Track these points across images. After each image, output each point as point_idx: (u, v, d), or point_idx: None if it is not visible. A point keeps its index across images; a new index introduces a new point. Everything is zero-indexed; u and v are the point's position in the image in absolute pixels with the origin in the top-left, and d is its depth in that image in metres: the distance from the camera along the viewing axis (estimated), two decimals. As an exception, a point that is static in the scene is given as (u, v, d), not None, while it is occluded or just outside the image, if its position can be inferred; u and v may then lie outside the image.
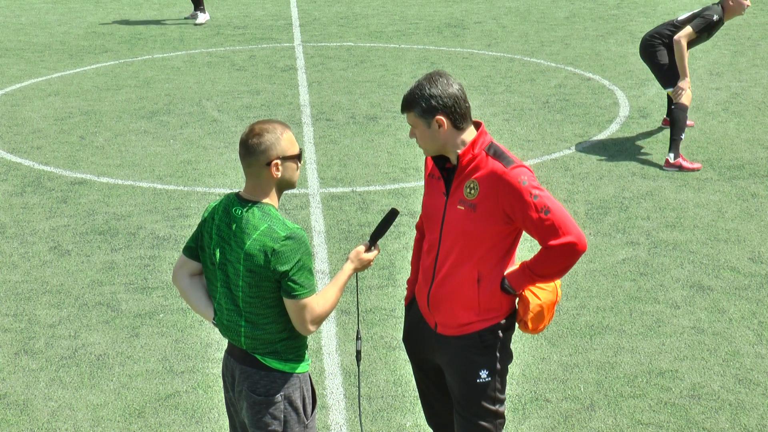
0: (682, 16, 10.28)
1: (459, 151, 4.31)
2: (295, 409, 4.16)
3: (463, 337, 4.43)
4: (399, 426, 5.81)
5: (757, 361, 6.47)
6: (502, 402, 4.51)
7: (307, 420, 4.20)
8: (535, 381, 6.26)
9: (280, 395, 4.12)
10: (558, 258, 4.26)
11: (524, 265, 4.37)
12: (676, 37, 9.97)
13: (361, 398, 6.08)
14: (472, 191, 4.28)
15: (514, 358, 6.49)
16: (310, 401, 4.23)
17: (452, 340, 4.47)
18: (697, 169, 9.69)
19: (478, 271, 4.35)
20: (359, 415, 4.68)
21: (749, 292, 7.38)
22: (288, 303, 4.03)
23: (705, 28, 10.01)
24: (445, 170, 4.41)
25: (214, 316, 4.23)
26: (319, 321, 4.07)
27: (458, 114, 4.27)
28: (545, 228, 4.21)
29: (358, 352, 4.52)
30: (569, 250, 4.23)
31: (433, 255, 4.45)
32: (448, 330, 4.48)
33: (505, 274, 4.40)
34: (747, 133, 10.88)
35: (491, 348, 4.45)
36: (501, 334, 4.47)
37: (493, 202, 4.25)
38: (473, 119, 4.38)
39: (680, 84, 9.99)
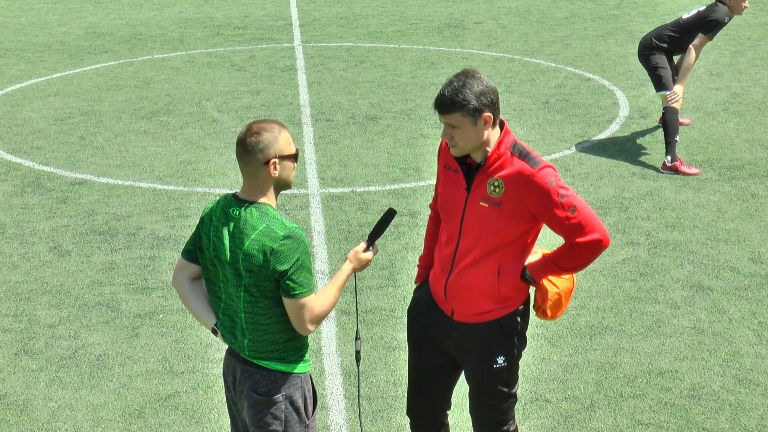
0: (686, 16, 10.23)
1: (488, 149, 4.32)
2: (296, 409, 4.16)
3: (482, 324, 4.50)
4: (399, 426, 5.81)
5: (757, 361, 6.47)
6: (516, 383, 4.61)
7: (308, 420, 4.21)
8: (535, 381, 6.26)
9: (282, 395, 4.12)
10: (582, 254, 4.34)
11: (547, 258, 4.45)
12: (693, 46, 9.93)
13: (361, 398, 6.08)
14: (497, 189, 4.31)
15: (514, 358, 6.50)
16: (311, 401, 4.23)
17: (471, 327, 4.53)
18: (696, 174, 9.66)
19: (498, 263, 4.41)
20: (359, 415, 4.68)
21: (749, 293, 7.38)
22: (287, 302, 4.03)
23: (718, 30, 9.98)
24: (465, 164, 4.42)
25: (215, 323, 4.23)
26: (318, 320, 4.07)
27: (498, 110, 4.31)
28: (572, 226, 4.28)
29: (358, 353, 4.53)
30: (594, 246, 4.32)
31: (452, 247, 4.47)
32: (466, 317, 4.53)
33: (526, 264, 4.48)
34: (747, 134, 10.88)
35: (509, 334, 4.53)
36: (519, 320, 4.55)
37: (519, 202, 4.30)
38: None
39: (676, 89, 9.97)
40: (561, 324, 6.94)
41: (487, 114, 4.24)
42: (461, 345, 4.58)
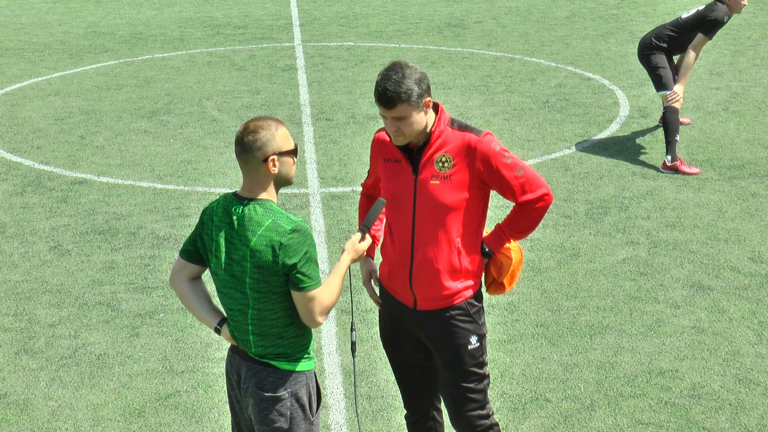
0: (685, 15, 10.22)
1: (428, 130, 4.47)
2: (302, 406, 4.17)
3: (451, 308, 4.60)
4: (399, 425, 5.81)
5: (757, 360, 6.47)
6: (486, 364, 4.73)
7: (312, 417, 4.22)
8: (535, 381, 6.26)
9: (287, 392, 4.14)
10: (532, 211, 4.56)
11: (499, 227, 4.66)
12: (693, 45, 9.93)
13: (362, 398, 6.08)
14: (446, 164, 4.47)
15: (514, 357, 6.51)
16: (316, 398, 4.25)
17: (438, 313, 4.61)
18: (696, 174, 9.66)
19: (460, 240, 4.53)
20: (356, 408, 4.67)
21: (749, 292, 7.38)
22: (296, 296, 4.04)
23: (717, 29, 9.97)
24: (406, 151, 4.53)
25: (218, 321, 4.24)
26: (327, 312, 4.10)
27: (431, 93, 4.46)
28: (520, 185, 4.51)
29: (353, 344, 4.57)
30: (542, 201, 4.55)
31: (408, 236, 4.55)
32: (431, 304, 4.61)
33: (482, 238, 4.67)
34: (747, 133, 10.88)
35: (478, 313, 4.66)
36: (480, 299, 4.70)
37: (470, 171, 4.46)
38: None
39: (676, 89, 9.97)
40: (561, 324, 6.94)
41: (428, 99, 4.40)
42: (431, 333, 4.64)
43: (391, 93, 4.31)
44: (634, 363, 6.45)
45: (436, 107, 4.53)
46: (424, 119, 4.41)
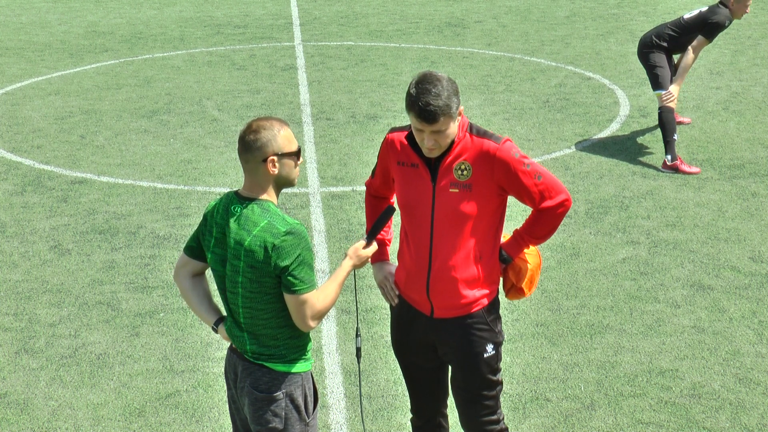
0: (687, 15, 10.21)
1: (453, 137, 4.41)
2: (297, 407, 4.17)
3: (468, 316, 4.56)
4: (399, 425, 5.81)
5: (757, 360, 6.47)
6: (500, 371, 4.71)
7: (308, 418, 4.21)
8: (535, 380, 6.26)
9: (282, 392, 4.13)
10: (551, 217, 4.53)
11: (518, 232, 4.61)
12: (692, 46, 9.93)
13: (362, 397, 6.08)
14: (465, 172, 4.41)
15: (514, 357, 6.51)
16: (312, 399, 4.24)
17: (455, 321, 4.57)
18: (696, 173, 9.66)
19: (479, 248, 4.48)
20: (361, 413, 4.68)
21: (749, 292, 7.38)
22: (288, 298, 4.04)
23: (718, 33, 9.97)
24: (425, 156, 4.45)
25: (215, 320, 4.25)
26: (319, 316, 4.08)
27: None
28: (539, 192, 4.46)
29: (358, 350, 4.55)
30: (561, 207, 4.52)
31: (426, 243, 4.49)
32: (449, 312, 4.56)
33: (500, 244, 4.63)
34: (747, 133, 10.88)
35: (495, 321, 4.63)
36: (498, 306, 4.66)
37: (489, 179, 4.41)
38: None
39: (671, 89, 9.97)
40: (561, 323, 6.94)
41: (461, 108, 4.37)
42: (447, 340, 4.61)
43: (434, 108, 4.22)
44: (634, 362, 6.45)
45: None
46: (456, 126, 4.35)
